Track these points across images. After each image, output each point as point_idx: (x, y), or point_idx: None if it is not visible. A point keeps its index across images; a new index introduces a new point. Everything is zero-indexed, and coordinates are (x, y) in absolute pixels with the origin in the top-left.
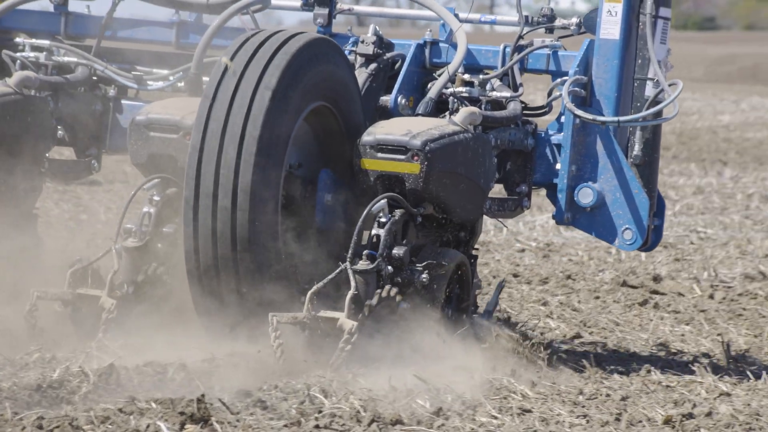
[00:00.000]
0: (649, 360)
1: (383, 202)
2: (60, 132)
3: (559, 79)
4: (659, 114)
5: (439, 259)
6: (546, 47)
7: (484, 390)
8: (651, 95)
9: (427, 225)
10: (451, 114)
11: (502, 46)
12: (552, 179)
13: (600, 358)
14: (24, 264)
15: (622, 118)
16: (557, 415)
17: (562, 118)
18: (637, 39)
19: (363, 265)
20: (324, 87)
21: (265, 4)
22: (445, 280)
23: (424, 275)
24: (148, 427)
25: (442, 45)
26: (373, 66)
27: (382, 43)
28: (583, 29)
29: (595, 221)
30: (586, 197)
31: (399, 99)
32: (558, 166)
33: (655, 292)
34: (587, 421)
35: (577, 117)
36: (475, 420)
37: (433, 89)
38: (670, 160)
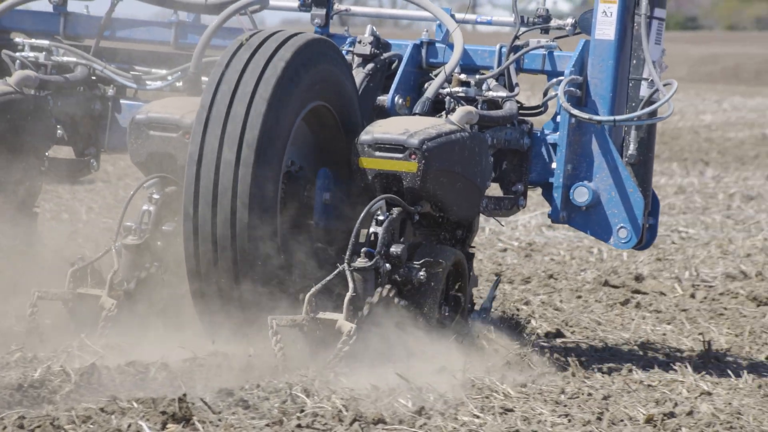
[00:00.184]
0: (630, 359)
1: (381, 200)
2: (59, 131)
3: (554, 79)
4: (654, 113)
5: (436, 256)
6: (542, 48)
7: (466, 389)
8: (646, 95)
9: (425, 223)
10: (448, 113)
11: (498, 47)
12: (548, 178)
13: (582, 357)
14: (23, 262)
15: (618, 117)
16: (539, 414)
17: (558, 118)
18: (632, 39)
19: (361, 262)
20: (322, 87)
21: (263, 4)
22: (443, 278)
23: (421, 273)
24: (129, 426)
25: (438, 45)
26: (370, 66)
27: (379, 43)
28: (578, 30)
29: (590, 220)
30: (581, 196)
31: (396, 99)
32: (554, 165)
33: (636, 292)
34: (569, 421)
35: (574, 116)
36: (457, 419)
37: (430, 89)
38: None
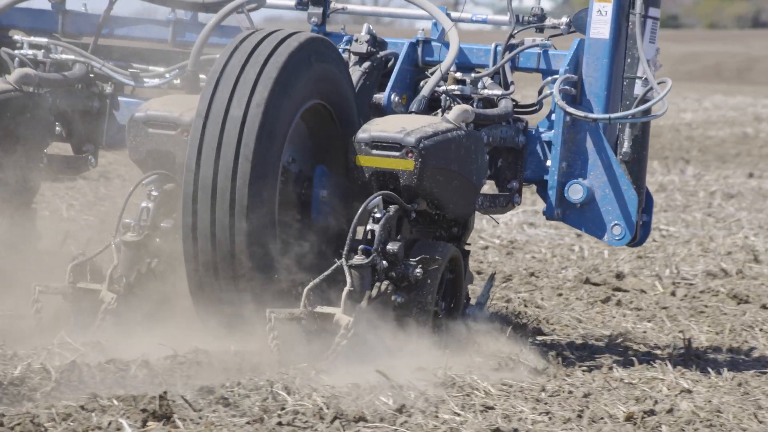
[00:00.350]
0: (611, 357)
1: (378, 198)
2: (58, 128)
3: (549, 78)
4: (648, 111)
5: (432, 253)
6: (537, 46)
7: (446, 387)
8: (640, 93)
9: (421, 220)
10: (444, 112)
11: (493, 45)
12: (542, 176)
13: (562, 354)
14: (22, 258)
15: (612, 115)
16: (520, 411)
17: (553, 116)
18: (627, 38)
19: (358, 259)
20: (319, 85)
21: (260, 2)
22: (439, 274)
23: (417, 270)
24: (110, 424)
25: (434, 44)
26: (366, 64)
27: (376, 41)
28: (573, 29)
29: (584, 217)
30: (576, 193)
31: (392, 97)
32: (548, 163)
33: (617, 290)
34: (549, 418)
35: (569, 114)
36: (437, 417)
37: (426, 87)
38: None
